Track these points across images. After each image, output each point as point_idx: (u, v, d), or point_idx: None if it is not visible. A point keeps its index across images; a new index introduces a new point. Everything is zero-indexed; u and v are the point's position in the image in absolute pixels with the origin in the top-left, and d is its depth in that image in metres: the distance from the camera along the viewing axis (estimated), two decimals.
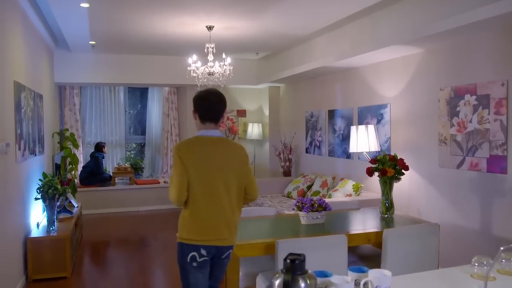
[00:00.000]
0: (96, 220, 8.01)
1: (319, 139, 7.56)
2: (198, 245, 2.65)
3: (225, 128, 9.38)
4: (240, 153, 2.81)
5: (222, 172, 2.68)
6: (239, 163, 2.77)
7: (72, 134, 7.50)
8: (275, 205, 6.68)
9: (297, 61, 7.30)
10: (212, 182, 2.65)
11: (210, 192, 2.65)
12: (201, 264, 2.68)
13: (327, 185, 6.56)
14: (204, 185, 2.64)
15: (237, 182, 2.73)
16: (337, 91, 6.99)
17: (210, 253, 2.68)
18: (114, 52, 7.95)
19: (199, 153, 2.67)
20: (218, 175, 2.67)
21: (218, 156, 2.70)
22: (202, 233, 2.65)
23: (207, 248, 2.66)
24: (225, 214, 2.69)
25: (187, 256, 2.67)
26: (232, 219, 2.74)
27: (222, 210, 2.67)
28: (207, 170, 2.65)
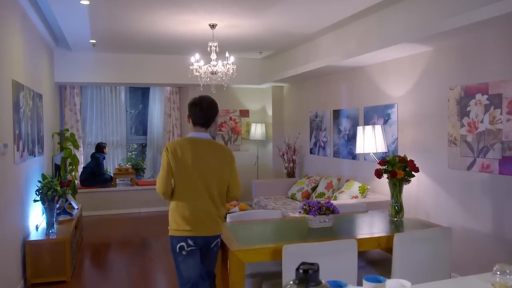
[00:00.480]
0: (96, 222, 7.92)
1: (323, 139, 7.45)
2: (185, 236, 2.98)
3: (227, 129, 9.29)
4: (225, 154, 3.12)
5: (207, 170, 3.00)
6: (224, 163, 3.08)
7: (72, 135, 7.40)
8: (279, 207, 6.58)
9: (301, 60, 7.19)
10: (198, 179, 2.98)
11: (194, 188, 2.98)
12: (189, 252, 3.01)
13: (332, 187, 6.45)
14: (189, 182, 2.98)
15: (221, 180, 3.06)
16: (343, 90, 6.88)
17: (198, 244, 3.00)
18: (115, 51, 7.86)
19: (187, 152, 2.98)
20: (203, 173, 2.99)
21: (204, 156, 3.02)
22: (187, 225, 2.98)
23: (193, 238, 2.99)
24: (208, 208, 3.02)
25: (176, 246, 3.02)
26: (216, 213, 3.05)
27: (205, 204, 3.00)
28: (193, 168, 2.97)
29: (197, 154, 2.99)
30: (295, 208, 6.41)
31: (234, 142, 9.38)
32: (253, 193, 7.62)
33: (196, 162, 2.98)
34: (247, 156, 9.41)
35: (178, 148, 2.99)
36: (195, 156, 2.98)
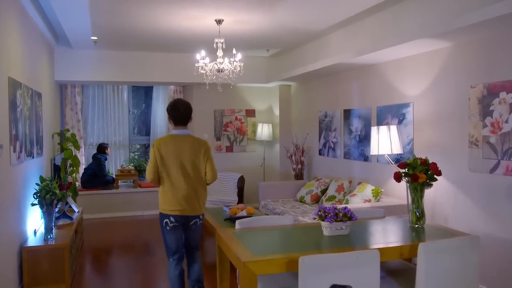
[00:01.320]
0: (98, 225, 7.73)
1: (333, 140, 7.24)
2: (168, 214, 3.77)
3: (233, 129, 9.08)
4: (200, 146, 3.84)
5: (186, 160, 3.75)
6: (199, 153, 3.81)
7: (73, 135, 7.21)
8: (288, 210, 6.37)
9: (310, 58, 6.99)
10: (178, 168, 3.73)
11: (176, 175, 3.74)
12: (172, 228, 3.79)
13: (343, 190, 6.23)
14: (172, 171, 3.74)
15: (199, 168, 3.81)
16: (354, 89, 6.67)
17: (178, 221, 3.77)
18: (117, 49, 7.67)
19: (171, 146, 3.76)
20: (183, 162, 3.74)
21: (183, 148, 3.77)
22: (169, 205, 3.75)
23: (174, 217, 3.76)
24: (188, 192, 3.75)
25: (163, 222, 3.81)
26: (195, 196, 3.79)
27: (185, 189, 3.74)
28: (175, 158, 3.74)
29: (178, 147, 3.76)
30: (305, 212, 6.21)
31: (240, 143, 9.17)
32: (260, 196, 7.42)
33: (177, 154, 3.75)
34: (253, 157, 9.21)
35: (162, 144, 3.78)
36: (176, 149, 3.75)
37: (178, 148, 3.76)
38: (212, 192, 8.12)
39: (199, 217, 3.88)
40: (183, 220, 3.79)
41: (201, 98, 8.91)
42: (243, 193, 8.04)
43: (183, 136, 3.85)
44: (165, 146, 3.75)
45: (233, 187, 8.25)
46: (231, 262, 3.04)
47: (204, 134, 8.92)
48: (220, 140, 9.04)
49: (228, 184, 8.33)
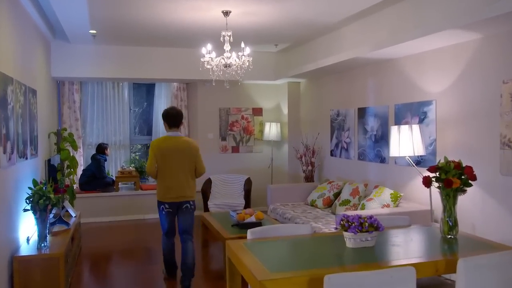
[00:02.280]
0: (97, 230, 7.45)
1: (346, 140, 6.93)
2: (164, 202, 4.61)
3: (239, 128, 8.79)
4: (191, 145, 4.71)
5: (179, 157, 4.57)
6: (191, 151, 4.66)
7: (70, 134, 6.94)
8: (299, 215, 6.08)
9: (322, 53, 6.69)
10: (173, 163, 4.56)
11: (170, 169, 4.57)
12: (167, 212, 4.64)
13: (358, 193, 5.93)
14: (167, 165, 4.56)
15: (189, 163, 4.64)
16: (369, 86, 6.36)
17: (172, 207, 4.61)
18: (118, 44, 7.40)
19: (165, 146, 4.59)
20: (176, 159, 4.56)
21: (177, 147, 4.59)
22: (165, 194, 4.60)
23: (169, 204, 4.61)
24: (180, 183, 4.59)
25: (159, 208, 4.65)
26: (187, 185, 4.63)
27: (178, 180, 4.58)
28: (169, 156, 4.55)
29: (172, 146, 4.60)
30: (317, 217, 5.91)
31: (247, 143, 8.88)
32: (269, 199, 7.13)
33: (172, 152, 4.58)
34: (260, 158, 8.91)
35: (159, 144, 4.62)
36: (171, 148, 4.59)
37: (172, 147, 4.61)
38: (217, 195, 7.85)
39: (189, 202, 4.72)
40: (176, 206, 4.67)
41: (205, 96, 8.63)
42: (250, 196, 7.75)
43: (176, 137, 4.72)
44: (162, 146, 4.62)
45: (240, 189, 7.96)
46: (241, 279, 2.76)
47: (208, 134, 8.64)
48: (225, 140, 8.75)
49: (234, 186, 8.04)
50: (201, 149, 8.07)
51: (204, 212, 6.64)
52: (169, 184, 4.59)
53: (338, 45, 6.21)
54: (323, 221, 5.70)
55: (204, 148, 8.57)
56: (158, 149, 4.58)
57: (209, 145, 8.65)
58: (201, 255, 6.11)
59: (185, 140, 4.76)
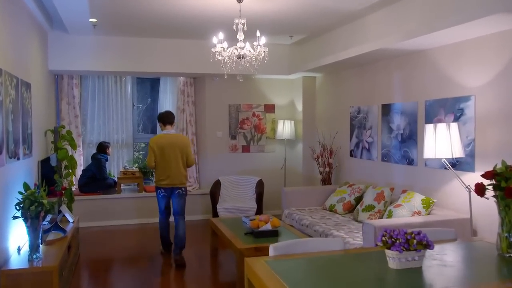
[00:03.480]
0: (97, 235, 7.06)
1: (368, 140, 6.50)
2: (160, 187, 5.68)
3: (250, 126, 8.38)
4: (184, 140, 5.80)
5: (173, 151, 5.61)
6: (183, 145, 5.70)
7: (69, 132, 6.54)
8: (317, 221, 5.66)
9: (342, 44, 6.26)
10: (168, 156, 5.60)
11: (166, 161, 5.60)
12: (163, 196, 5.72)
13: (383, 198, 5.49)
14: (164, 158, 5.59)
15: (182, 155, 5.66)
16: (396, 80, 5.92)
17: (166, 192, 5.68)
18: (120, 34, 7.02)
19: (161, 141, 5.64)
20: (171, 152, 5.60)
21: (171, 142, 5.64)
22: (161, 180, 5.65)
23: (164, 189, 5.67)
24: (174, 172, 5.62)
25: (157, 192, 5.72)
26: (178, 174, 5.66)
27: (170, 169, 5.61)
28: (165, 150, 5.59)
29: (167, 142, 5.63)
30: (338, 224, 5.49)
31: (258, 142, 8.46)
32: (283, 203, 6.71)
33: (167, 147, 5.60)
34: (272, 158, 8.50)
35: (157, 140, 5.68)
36: (166, 143, 5.62)
37: (167, 143, 5.67)
38: (226, 198, 7.45)
39: (181, 189, 5.74)
40: (170, 191, 5.72)
41: (214, 92, 8.22)
42: (262, 199, 7.33)
43: (170, 134, 5.80)
44: (159, 142, 5.69)
45: (251, 192, 7.55)
46: None
47: (217, 132, 8.24)
48: (235, 139, 8.34)
49: (245, 189, 7.64)
50: (209, 148, 7.81)
51: (213, 218, 6.22)
52: (165, 173, 5.66)
53: (361, 35, 5.78)
54: (345, 228, 5.28)
55: (212, 147, 8.19)
56: (155, 145, 5.66)
57: (218, 144, 8.25)
58: (210, 264, 5.71)
59: (178, 136, 5.95)
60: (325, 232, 5.23)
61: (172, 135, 5.77)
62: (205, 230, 7.20)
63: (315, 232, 5.46)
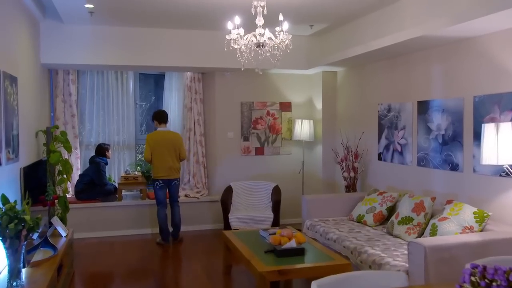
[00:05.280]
0: (95, 248, 6.44)
1: (401, 141, 5.84)
2: (158, 179, 6.48)
3: (264, 126, 7.74)
4: (177, 137, 6.62)
5: (167, 146, 6.46)
6: (176, 141, 6.54)
7: (63, 133, 5.92)
8: (346, 235, 5.02)
9: (371, 33, 5.63)
10: (164, 150, 6.43)
11: (162, 155, 6.43)
12: (160, 187, 6.50)
13: (423, 209, 4.83)
14: (160, 152, 6.42)
15: (175, 150, 6.50)
16: (435, 74, 5.26)
17: (164, 183, 6.49)
18: (120, 24, 6.42)
19: (157, 138, 6.48)
20: (166, 147, 6.45)
21: (166, 138, 6.50)
22: (159, 173, 6.46)
23: (162, 180, 6.48)
24: (167, 164, 6.45)
25: (154, 184, 6.51)
26: (173, 167, 6.49)
27: (166, 162, 6.44)
28: (161, 145, 6.44)
29: (162, 138, 6.46)
30: (371, 239, 4.85)
31: (273, 144, 7.81)
32: (304, 213, 6.07)
33: (163, 142, 6.43)
34: (289, 161, 7.85)
35: (153, 136, 6.48)
36: (161, 139, 6.45)
37: (163, 139, 6.44)
38: (239, 207, 6.84)
39: (177, 180, 6.56)
40: (166, 182, 6.47)
41: (224, 88, 7.59)
42: (279, 208, 6.69)
43: (165, 131, 6.55)
44: (155, 138, 6.44)
45: (267, 199, 6.91)
46: None
47: (228, 133, 7.62)
48: (248, 140, 7.70)
49: (259, 196, 7.01)
50: (219, 150, 7.33)
51: (226, 230, 5.57)
52: (161, 166, 6.42)
53: (396, 21, 5.13)
54: (380, 245, 4.62)
55: (222, 149, 7.59)
56: (152, 140, 6.43)
57: (229, 146, 7.62)
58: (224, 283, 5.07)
59: (171, 133, 6.66)
60: (357, 249, 4.58)
61: (166, 132, 6.58)
62: (216, 242, 6.64)
63: (344, 248, 4.81)
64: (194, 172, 7.74)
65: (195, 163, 7.75)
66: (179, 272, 5.60)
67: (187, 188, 7.74)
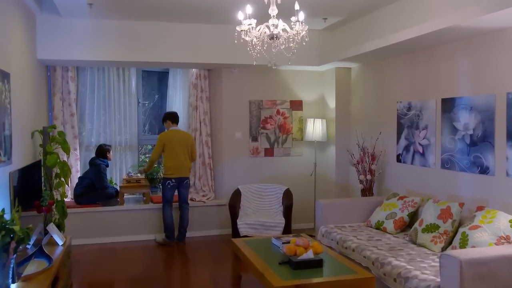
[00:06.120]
0: (95, 255, 6.14)
1: (423, 142, 5.50)
2: (171, 177, 6.50)
3: (274, 126, 7.42)
4: (188, 137, 6.75)
5: (181, 145, 6.55)
6: (188, 141, 6.67)
7: (61, 133, 5.61)
8: (365, 244, 4.71)
9: (388, 26, 5.32)
10: (177, 149, 6.52)
11: (175, 154, 6.51)
12: (171, 187, 6.54)
13: (450, 216, 4.48)
14: (173, 151, 6.51)
15: (187, 149, 6.60)
16: (462, 68, 4.92)
17: (176, 181, 6.52)
18: (122, 17, 6.12)
19: (171, 137, 6.59)
20: (179, 146, 6.54)
21: (180, 138, 6.61)
22: (171, 172, 6.50)
23: (174, 179, 6.51)
24: (181, 163, 6.53)
25: (165, 182, 6.52)
26: (186, 166, 6.60)
27: (180, 161, 6.52)
28: (175, 144, 6.53)
29: (177, 137, 6.61)
30: (393, 248, 4.53)
31: (283, 144, 7.48)
32: (318, 219, 5.75)
33: (176, 141, 6.56)
34: (300, 163, 7.52)
35: (167, 135, 6.62)
36: (176, 138, 6.59)
37: (177, 137, 6.58)
38: (248, 212, 6.53)
39: (188, 178, 6.68)
40: (178, 181, 6.54)
41: (232, 85, 7.27)
42: (291, 213, 6.35)
43: (178, 130, 6.71)
44: (169, 137, 6.56)
45: (277, 204, 6.58)
46: None
47: (236, 133, 7.31)
48: (257, 140, 7.36)
49: (269, 200, 6.69)
50: (226, 151, 7.17)
51: (235, 238, 5.22)
52: (175, 164, 6.49)
53: (417, 13, 4.81)
54: (404, 255, 4.28)
55: (230, 150, 7.29)
56: (166, 139, 6.54)
57: (237, 146, 7.29)
58: None
59: (184, 133, 6.85)
60: (379, 260, 4.23)
61: (180, 132, 6.72)
62: (223, 248, 6.35)
63: (365, 258, 4.47)
64: (200, 174, 7.43)
65: (201, 165, 7.44)
66: (185, 282, 5.28)
67: (193, 191, 7.42)
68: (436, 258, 4.18)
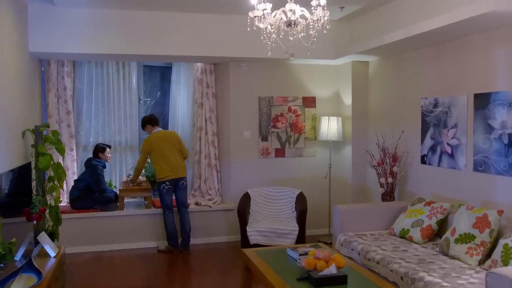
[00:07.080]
0: (92, 264, 5.83)
1: (452, 142, 5.10)
2: (164, 180, 6.23)
3: (285, 124, 7.04)
4: (173, 134, 6.52)
5: (167, 144, 6.31)
6: (175, 140, 6.41)
7: (54, 133, 5.26)
8: (391, 255, 4.33)
9: (412, 15, 5.00)
10: (165, 150, 6.27)
11: (164, 155, 6.25)
12: (168, 190, 6.26)
13: (488, 225, 4.08)
14: (162, 153, 6.25)
15: (175, 148, 6.35)
16: (499, 60, 4.51)
17: (171, 183, 6.25)
18: (121, 7, 5.81)
19: (155, 139, 6.32)
20: (166, 146, 6.29)
21: (164, 137, 6.36)
22: (165, 174, 6.22)
23: (168, 181, 6.23)
24: (173, 164, 6.26)
25: (161, 187, 6.25)
26: (178, 165, 6.31)
27: (171, 162, 6.25)
28: (161, 145, 6.27)
29: (161, 137, 6.35)
30: (423, 261, 4.14)
31: (295, 144, 7.09)
32: (335, 226, 5.36)
33: (161, 141, 6.31)
34: (313, 164, 7.14)
35: (151, 139, 6.33)
36: (160, 138, 6.33)
37: (161, 137, 6.35)
38: (259, 217, 6.17)
39: (184, 179, 6.39)
40: (174, 182, 6.28)
41: (240, 81, 6.90)
42: (305, 220, 5.96)
43: (160, 131, 6.46)
44: (153, 140, 6.32)
45: (290, 209, 6.21)
46: None
47: (244, 132, 6.95)
48: (267, 140, 6.98)
49: (281, 204, 6.31)
50: (234, 152, 6.90)
51: (245, 249, 4.81)
52: (165, 165, 6.23)
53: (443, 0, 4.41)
54: (437, 269, 3.89)
55: (238, 151, 6.95)
56: (150, 142, 6.29)
57: (245, 147, 6.92)
58: None
59: (168, 131, 6.78)
60: (409, 275, 3.84)
61: (162, 131, 6.50)
62: (231, 257, 6.05)
63: (392, 272, 4.08)
64: (206, 176, 7.05)
65: (207, 167, 7.07)
66: None
67: (198, 195, 7.06)
68: (474, 273, 3.81)
